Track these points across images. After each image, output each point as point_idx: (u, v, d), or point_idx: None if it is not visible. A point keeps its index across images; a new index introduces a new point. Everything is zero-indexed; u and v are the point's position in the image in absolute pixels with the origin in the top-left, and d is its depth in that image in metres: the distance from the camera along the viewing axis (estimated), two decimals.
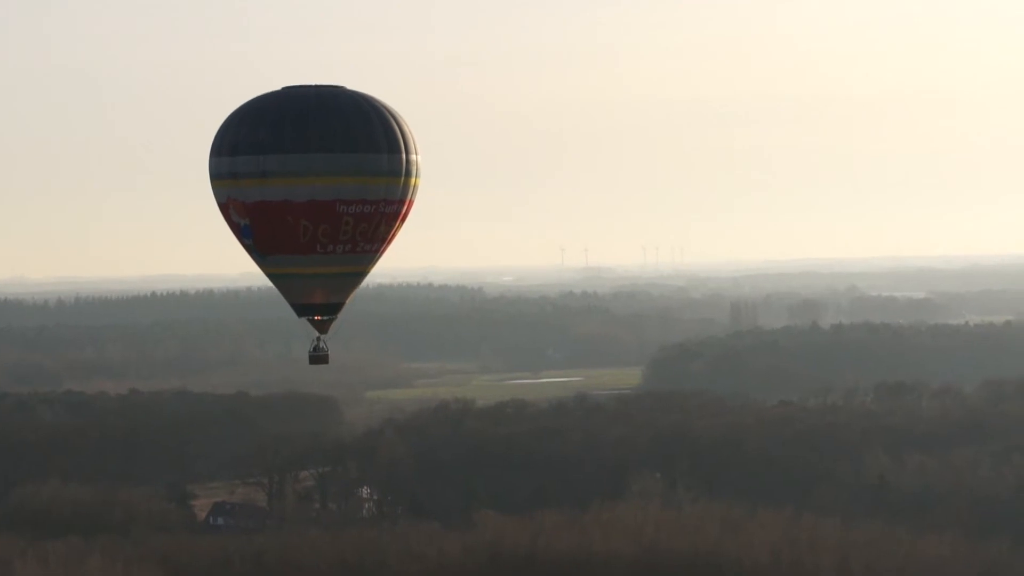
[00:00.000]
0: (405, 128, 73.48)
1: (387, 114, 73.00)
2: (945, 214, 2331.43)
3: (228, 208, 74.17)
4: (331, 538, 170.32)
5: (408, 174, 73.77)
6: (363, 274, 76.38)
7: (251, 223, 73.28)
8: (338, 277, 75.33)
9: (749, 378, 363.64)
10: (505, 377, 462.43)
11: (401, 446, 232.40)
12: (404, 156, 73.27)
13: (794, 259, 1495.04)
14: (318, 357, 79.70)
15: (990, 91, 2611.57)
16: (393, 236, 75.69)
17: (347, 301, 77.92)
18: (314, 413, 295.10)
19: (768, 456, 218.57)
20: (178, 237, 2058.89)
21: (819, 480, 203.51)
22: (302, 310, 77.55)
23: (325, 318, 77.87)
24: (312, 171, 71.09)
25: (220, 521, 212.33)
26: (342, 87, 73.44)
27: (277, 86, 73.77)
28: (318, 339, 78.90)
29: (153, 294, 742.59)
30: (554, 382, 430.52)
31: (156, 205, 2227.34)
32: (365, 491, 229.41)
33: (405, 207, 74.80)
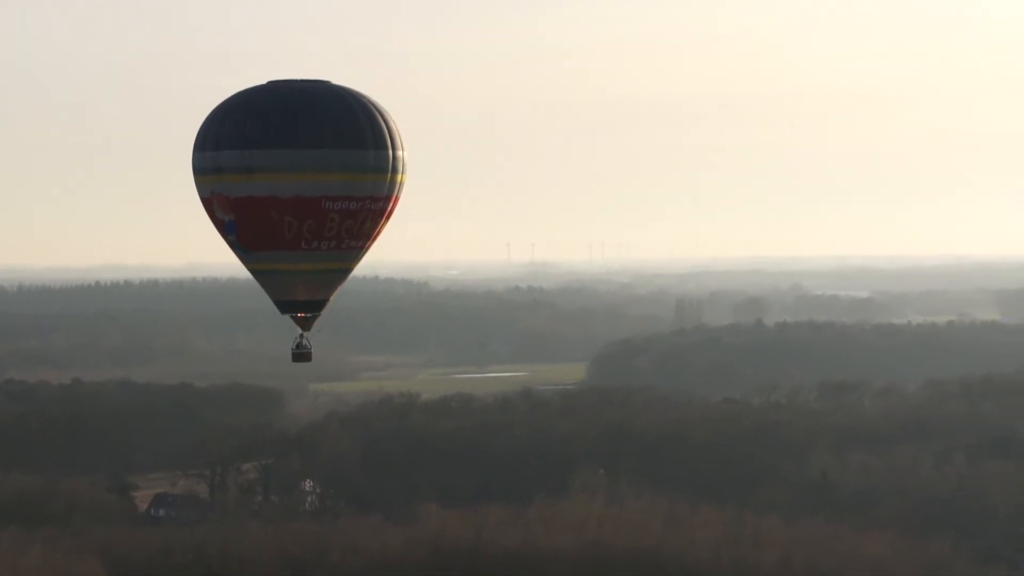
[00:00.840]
0: (392, 124, 73.05)
1: (374, 110, 72.58)
2: (889, 214, 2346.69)
3: (212, 203, 73.46)
4: (273, 531, 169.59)
5: (395, 170, 73.33)
6: (348, 271, 75.90)
7: (235, 219, 72.61)
8: (323, 274, 74.85)
9: (694, 375, 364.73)
10: (450, 371, 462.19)
11: (345, 439, 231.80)
12: (391, 152, 72.82)
13: (739, 257, 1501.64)
14: (301, 355, 78.69)
15: (933, 93, 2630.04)
16: (379, 233, 75.27)
17: (331, 298, 77.03)
18: (258, 405, 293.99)
19: (712, 453, 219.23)
20: (123, 227, 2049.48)
21: (762, 477, 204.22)
22: (285, 307, 76.89)
23: (308, 315, 77.28)
24: (298, 167, 70.56)
25: (161, 513, 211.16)
26: (327, 82, 73.05)
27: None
28: (301, 336, 78.11)
29: (97, 283, 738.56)
30: (499, 376, 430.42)
31: (101, 195, 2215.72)
32: (308, 484, 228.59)
33: (391, 204, 74.36)
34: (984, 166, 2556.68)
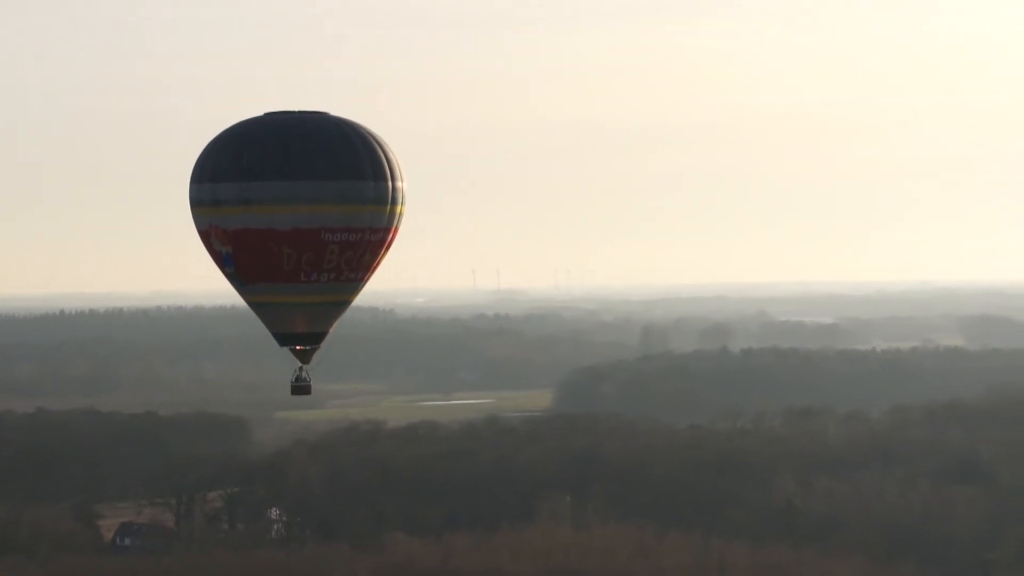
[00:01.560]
0: (391, 155, 72.80)
1: (372, 141, 72.29)
2: (854, 241, 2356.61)
3: (209, 236, 73.00)
4: (239, 559, 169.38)
5: (394, 202, 72.96)
6: (347, 303, 75.32)
7: (233, 251, 72.22)
8: (322, 306, 74.35)
9: (659, 401, 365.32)
10: (416, 399, 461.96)
11: (311, 467, 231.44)
12: (390, 184, 72.48)
13: (705, 283, 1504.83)
14: (300, 388, 78.05)
15: (897, 120, 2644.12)
16: (378, 264, 74.87)
17: (330, 330, 76.51)
18: (223, 433, 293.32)
19: (677, 479, 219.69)
20: (87, 255, 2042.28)
21: (728, 503, 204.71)
22: (284, 339, 76.43)
23: (307, 348, 76.77)
24: (297, 199, 70.22)
25: (127, 542, 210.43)
26: (325, 113, 72.79)
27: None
28: (300, 369, 77.56)
29: (62, 312, 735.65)
30: (465, 404, 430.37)
31: (63, 223, 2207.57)
32: (274, 512, 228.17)
33: (391, 235, 73.95)
34: (948, 193, 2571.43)
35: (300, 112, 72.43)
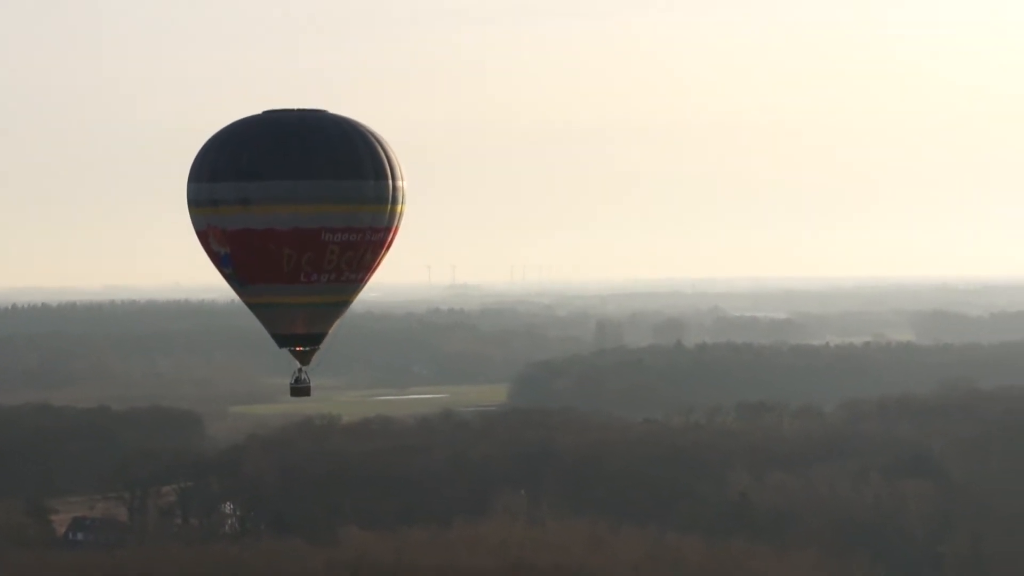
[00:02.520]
0: (391, 154, 71.65)
1: (372, 139, 71.18)
2: (807, 237, 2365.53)
3: (207, 236, 71.82)
4: (193, 554, 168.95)
5: (395, 201, 71.90)
6: (347, 303, 74.42)
7: (231, 251, 71.09)
8: (322, 307, 73.37)
9: (613, 396, 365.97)
10: (371, 393, 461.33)
11: (265, 462, 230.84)
12: (391, 183, 71.42)
13: (659, 279, 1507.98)
14: (300, 389, 77.17)
15: (849, 118, 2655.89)
16: (378, 265, 73.81)
17: (330, 331, 75.39)
18: (177, 428, 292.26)
19: (632, 474, 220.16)
20: (39, 249, 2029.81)
21: (681, 498, 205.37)
22: (284, 340, 75.30)
23: (307, 349, 75.76)
24: (297, 198, 69.09)
25: (79, 536, 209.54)
26: (324, 111, 71.59)
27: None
28: (300, 371, 76.64)
29: (14, 306, 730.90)
30: (420, 398, 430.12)
31: (15, 217, 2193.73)
32: (228, 507, 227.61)
33: (391, 235, 72.94)
34: (901, 190, 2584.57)
35: (299, 110, 71.15)
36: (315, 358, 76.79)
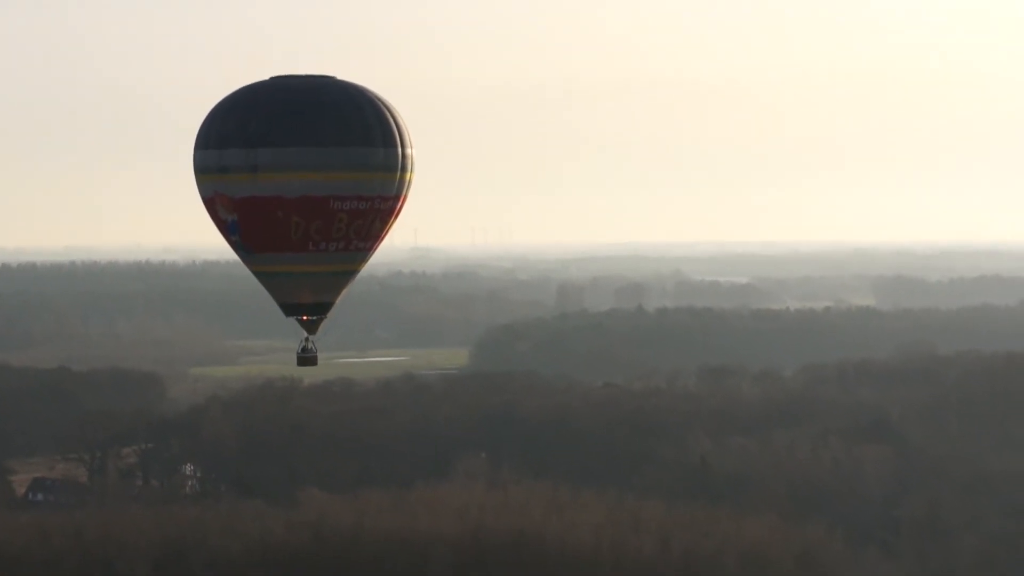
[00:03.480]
0: (400, 121, 70.68)
1: (381, 106, 70.23)
2: (768, 201, 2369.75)
3: (214, 203, 70.75)
4: (153, 515, 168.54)
5: (404, 169, 71.08)
6: (355, 272, 73.67)
7: (239, 219, 70.04)
8: (330, 276, 72.49)
9: (575, 360, 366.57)
10: (332, 356, 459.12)
11: (225, 423, 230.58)
12: (400, 150, 70.56)
13: (621, 243, 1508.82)
14: (306, 359, 75.93)
15: (811, 81, 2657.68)
16: (385, 234, 72.96)
17: (337, 300, 74.45)
18: (137, 389, 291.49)
19: (592, 438, 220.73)
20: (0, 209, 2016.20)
21: (642, 461, 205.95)
22: (290, 310, 74.16)
23: (314, 318, 74.62)
24: (306, 165, 68.16)
25: (39, 497, 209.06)
26: (332, 77, 70.69)
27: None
28: (306, 339, 75.34)
29: None
30: (381, 361, 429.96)
31: None
32: (188, 468, 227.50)
33: (400, 203, 72.03)
34: (862, 155, 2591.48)
35: (307, 76, 70.17)
36: (321, 327, 74.96)
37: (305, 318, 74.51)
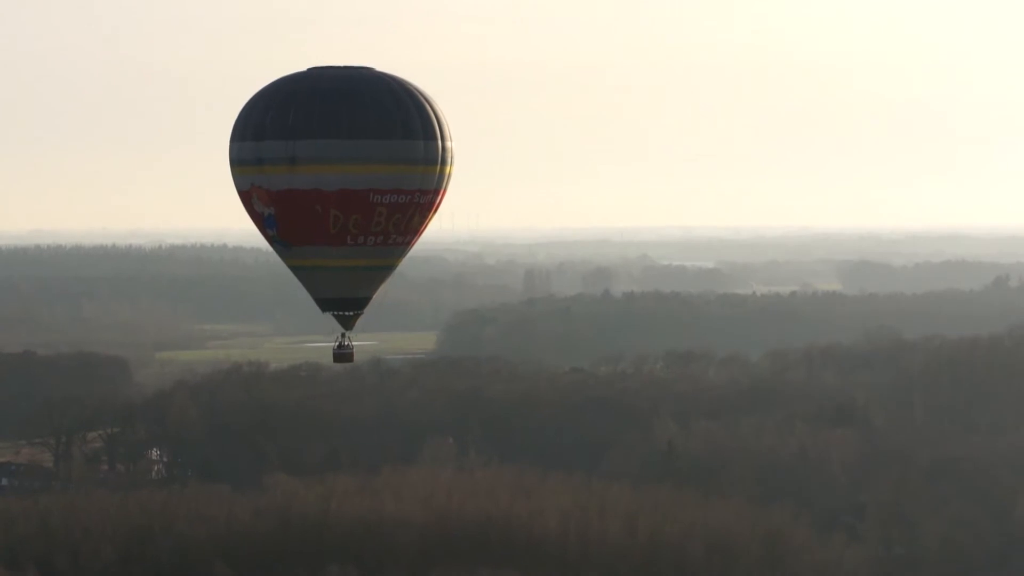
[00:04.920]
0: (440, 113, 69.50)
1: (421, 99, 69.04)
2: (735, 186, 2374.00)
3: (251, 196, 69.49)
4: (119, 500, 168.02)
5: (444, 162, 69.91)
6: (393, 267, 72.62)
7: (276, 212, 68.79)
8: (368, 270, 71.39)
9: (542, 344, 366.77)
10: (299, 340, 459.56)
11: (192, 408, 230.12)
12: (440, 143, 69.38)
13: (588, 228, 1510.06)
14: (343, 355, 75.72)
15: (781, 64, 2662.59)
16: (424, 228, 71.48)
17: (374, 296, 73.15)
18: (103, 374, 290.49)
19: (559, 422, 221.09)
20: None
21: (609, 446, 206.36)
22: (327, 304, 73.11)
23: (351, 313, 73.67)
24: (345, 158, 67.06)
25: (4, 482, 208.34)
26: (371, 68, 69.33)
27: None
28: (343, 335, 74.93)
29: None
30: None
31: None
32: (154, 453, 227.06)
33: (439, 197, 70.75)
34: (828, 141, 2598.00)
35: (345, 67, 68.80)
36: (357, 323, 73.72)
37: (342, 313, 73.42)
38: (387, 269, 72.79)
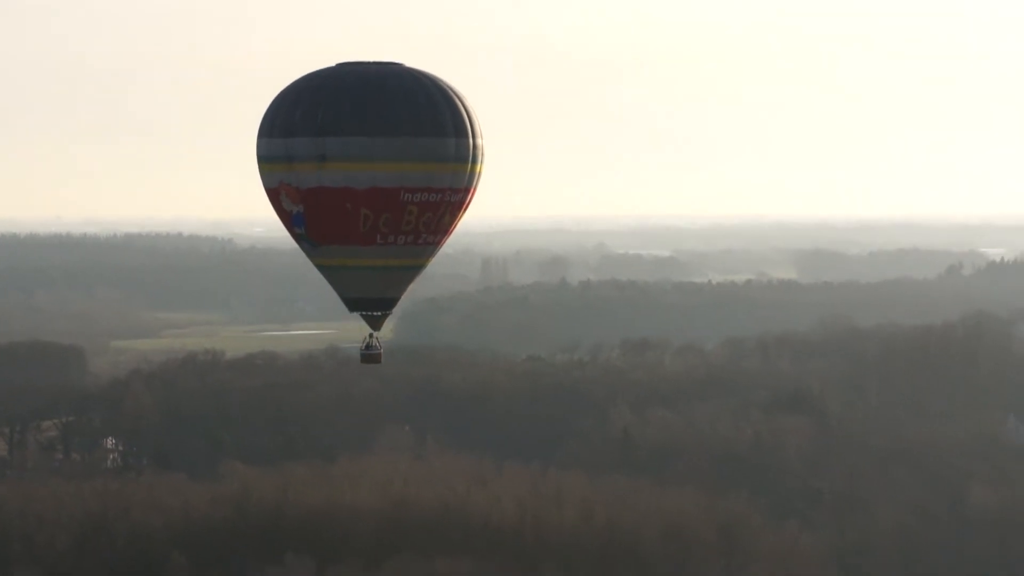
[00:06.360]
0: (470, 109, 68.82)
1: (452, 95, 68.28)
2: (690, 174, 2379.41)
3: (279, 193, 68.74)
4: (74, 489, 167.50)
5: (474, 160, 69.27)
6: (422, 267, 71.76)
7: (305, 210, 68.15)
8: (398, 270, 70.68)
9: (498, 333, 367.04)
10: (255, 329, 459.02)
11: (147, 397, 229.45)
12: (471, 141, 68.77)
13: (544, 216, 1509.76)
14: (371, 356, 74.95)
15: (738, 53, 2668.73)
16: (454, 227, 70.57)
17: (402, 296, 72.47)
18: (58, 362, 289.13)
19: (516, 411, 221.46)
20: None
21: (565, 434, 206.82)
22: (355, 305, 72.39)
23: (379, 314, 73.10)
24: (375, 156, 66.14)
25: None
26: (400, 64, 68.47)
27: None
28: (371, 336, 74.20)
29: None
30: (305, 334, 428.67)
31: None
32: (110, 442, 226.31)
33: (469, 196, 70.04)
34: (783, 129, 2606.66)
35: (375, 63, 68.01)
36: (385, 323, 73.11)
37: (371, 314, 72.82)
38: (417, 269, 72.25)
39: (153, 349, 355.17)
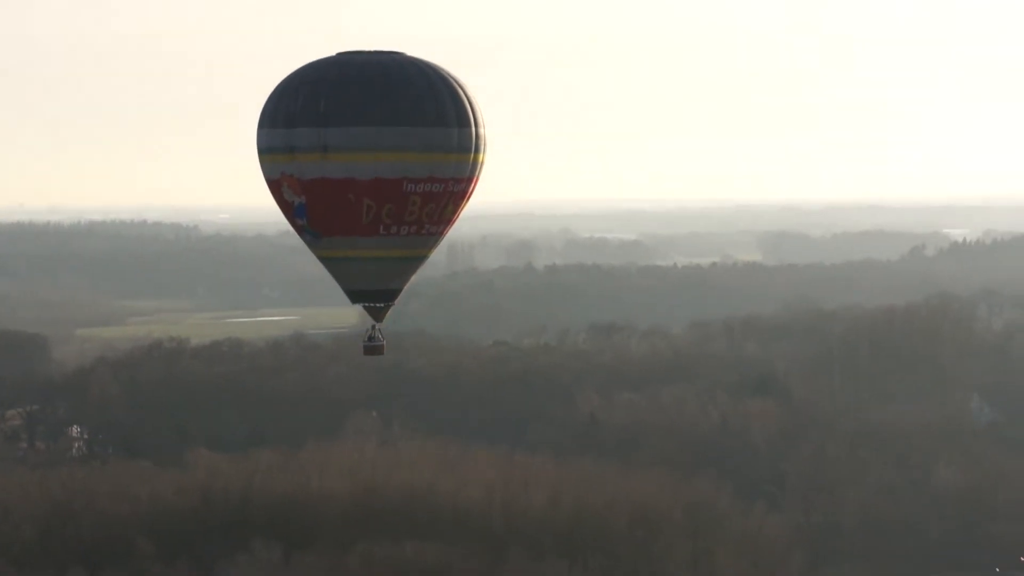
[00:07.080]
0: (473, 99, 68.56)
1: (454, 84, 68.08)
2: (655, 158, 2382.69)
3: (280, 184, 68.19)
4: (39, 477, 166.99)
5: (477, 150, 68.79)
6: (425, 258, 70.91)
7: (306, 201, 67.61)
8: (400, 261, 69.80)
9: (465, 318, 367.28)
10: (221, 316, 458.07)
11: (113, 385, 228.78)
12: (474, 130, 68.33)
13: (510, 200, 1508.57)
14: (374, 348, 73.26)
15: (703, 36, 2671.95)
16: (456, 218, 70.13)
17: (405, 287, 71.62)
18: (22, 351, 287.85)
19: (483, 395, 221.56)
20: None
21: (532, 418, 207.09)
22: (357, 296, 71.37)
23: (382, 305, 71.89)
24: (378, 146, 65.74)
25: None
26: (401, 53, 68.24)
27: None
28: (373, 327, 72.68)
29: None
30: (271, 320, 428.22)
31: None
32: (75, 430, 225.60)
33: (472, 186, 69.64)
34: (749, 111, 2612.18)
35: (376, 52, 67.70)
36: (388, 315, 72.04)
37: (373, 305, 71.83)
38: (420, 260, 71.14)
39: (118, 337, 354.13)
